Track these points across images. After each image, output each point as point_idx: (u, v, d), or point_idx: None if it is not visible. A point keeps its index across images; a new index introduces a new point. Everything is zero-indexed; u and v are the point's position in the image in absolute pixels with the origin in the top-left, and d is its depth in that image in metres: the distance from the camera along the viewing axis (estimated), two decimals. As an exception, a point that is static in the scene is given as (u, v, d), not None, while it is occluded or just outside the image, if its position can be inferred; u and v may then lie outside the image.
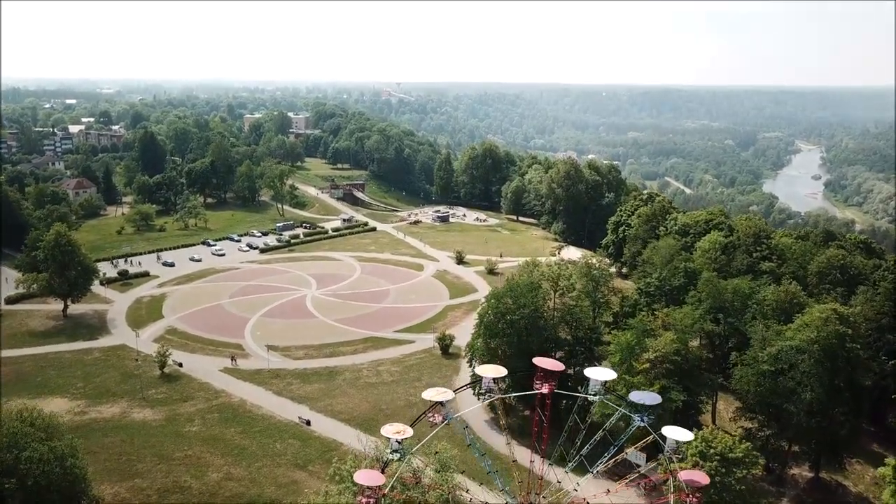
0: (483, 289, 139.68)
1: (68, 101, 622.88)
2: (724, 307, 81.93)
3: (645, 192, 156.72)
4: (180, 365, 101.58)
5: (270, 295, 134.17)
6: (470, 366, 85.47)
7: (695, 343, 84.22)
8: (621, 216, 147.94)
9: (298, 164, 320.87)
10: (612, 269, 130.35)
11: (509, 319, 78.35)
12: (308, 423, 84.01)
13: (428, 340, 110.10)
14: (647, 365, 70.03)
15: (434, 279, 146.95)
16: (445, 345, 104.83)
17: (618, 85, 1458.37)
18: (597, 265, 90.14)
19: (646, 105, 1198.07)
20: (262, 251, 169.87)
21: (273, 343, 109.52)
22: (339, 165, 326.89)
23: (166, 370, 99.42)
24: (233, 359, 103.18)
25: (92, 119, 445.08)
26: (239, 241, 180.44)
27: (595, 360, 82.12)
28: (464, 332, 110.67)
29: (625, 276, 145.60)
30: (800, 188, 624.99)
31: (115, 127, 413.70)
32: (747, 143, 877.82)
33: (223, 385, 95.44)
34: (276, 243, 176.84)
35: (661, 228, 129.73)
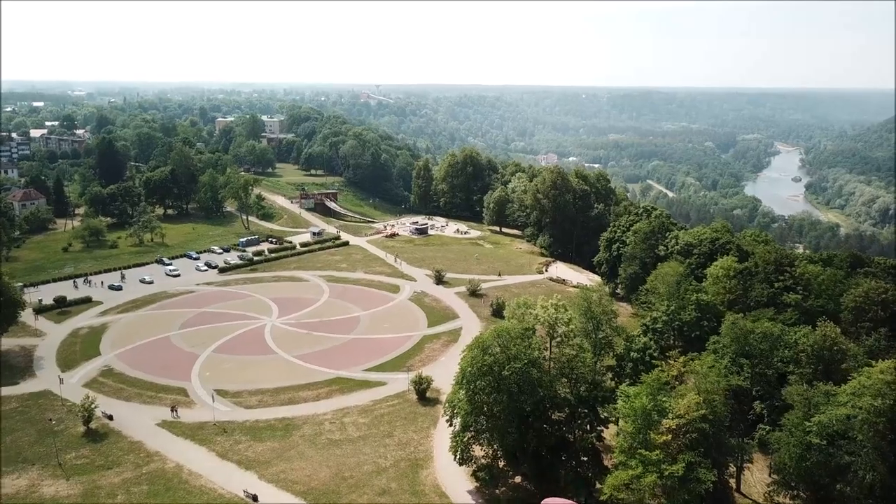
0: (465, 314, 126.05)
1: (35, 104, 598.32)
2: (751, 353, 68.94)
3: (641, 205, 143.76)
4: (110, 418, 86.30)
5: (225, 325, 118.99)
6: (450, 424, 71.45)
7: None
8: (615, 232, 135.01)
9: (269, 170, 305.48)
10: (611, 297, 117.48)
11: (498, 373, 64.53)
12: (255, 498, 69.41)
13: (402, 381, 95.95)
14: (668, 436, 56.75)
15: (410, 303, 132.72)
16: (422, 389, 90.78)
17: (598, 87, 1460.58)
18: (597, 301, 76.58)
19: (626, 107, 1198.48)
20: (221, 271, 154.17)
21: (223, 386, 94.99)
22: (313, 172, 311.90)
23: (93, 425, 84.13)
24: (173, 409, 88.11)
25: (56, 123, 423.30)
26: (197, 258, 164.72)
27: (601, 424, 68.64)
28: (443, 371, 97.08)
29: (620, 297, 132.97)
30: (781, 190, 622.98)
31: (80, 131, 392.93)
32: (727, 146, 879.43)
33: (158, 445, 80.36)
34: (237, 261, 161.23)
35: (661, 247, 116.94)
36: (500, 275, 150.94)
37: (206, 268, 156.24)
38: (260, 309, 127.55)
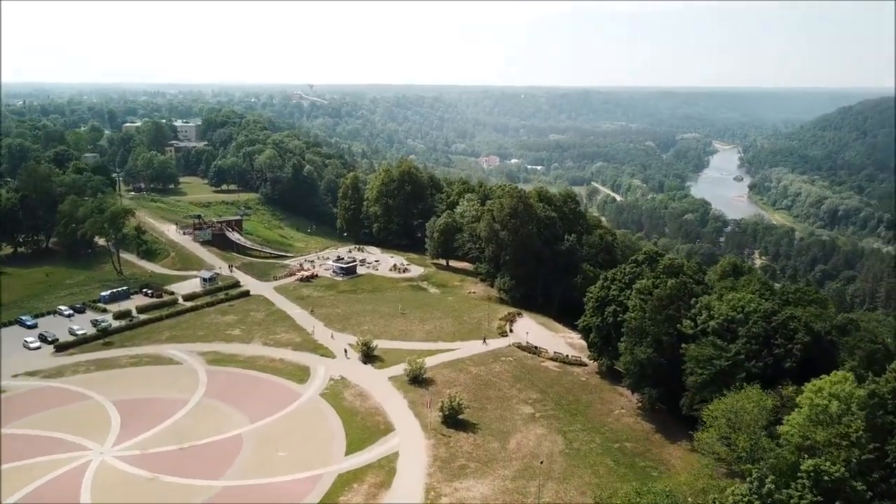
0: (402, 421, 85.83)
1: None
2: None
3: (641, 249, 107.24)
4: None
5: (25, 465, 75.09)
6: None
7: None
8: (608, 289, 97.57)
9: (172, 187, 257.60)
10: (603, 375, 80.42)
11: None
12: None
13: None
14: None
15: (322, 401, 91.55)
16: None
17: (536, 87, 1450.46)
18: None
19: (564, 107, 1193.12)
20: (59, 349, 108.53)
21: None
22: (225, 187, 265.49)
23: None
24: None
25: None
26: (32, 326, 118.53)
27: None
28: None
29: (617, 374, 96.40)
30: (724, 190, 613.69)
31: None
32: (667, 145, 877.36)
33: None
34: (88, 331, 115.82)
35: (687, 322, 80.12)
36: (484, 340, 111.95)
37: (38, 343, 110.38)
38: (92, 426, 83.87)
